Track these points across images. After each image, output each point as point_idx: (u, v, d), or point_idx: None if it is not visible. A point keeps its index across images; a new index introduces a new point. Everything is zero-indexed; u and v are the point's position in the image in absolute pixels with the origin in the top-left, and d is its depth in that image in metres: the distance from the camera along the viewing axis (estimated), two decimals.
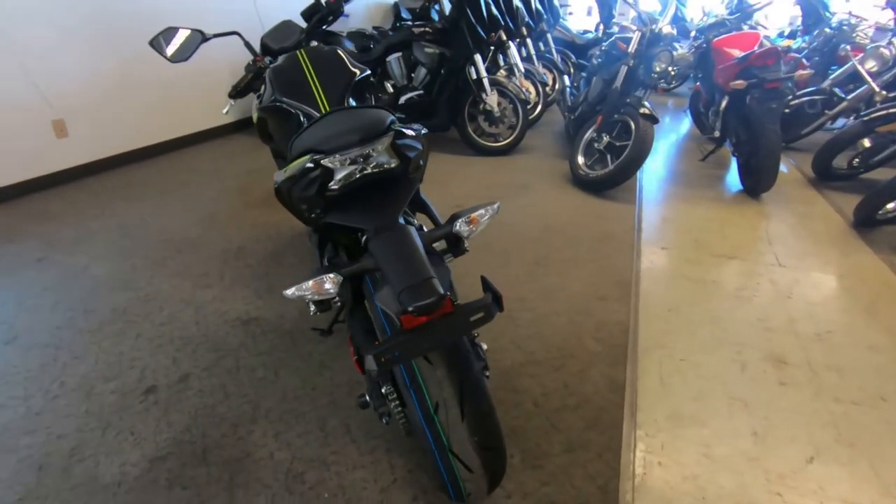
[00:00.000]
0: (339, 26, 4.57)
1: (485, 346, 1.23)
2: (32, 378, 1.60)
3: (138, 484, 1.26)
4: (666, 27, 3.11)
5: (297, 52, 1.43)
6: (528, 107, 4.69)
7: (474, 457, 0.94)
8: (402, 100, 3.83)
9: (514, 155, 3.90)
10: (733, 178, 3.52)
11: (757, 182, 3.09)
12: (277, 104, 1.35)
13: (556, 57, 5.50)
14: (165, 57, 1.41)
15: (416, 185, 1.06)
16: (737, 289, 2.16)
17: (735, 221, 2.83)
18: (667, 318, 1.96)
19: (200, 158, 3.72)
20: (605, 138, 3.16)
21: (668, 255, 2.43)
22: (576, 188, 3.25)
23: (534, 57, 5.11)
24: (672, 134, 4.83)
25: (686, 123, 5.13)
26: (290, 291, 0.81)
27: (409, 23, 3.77)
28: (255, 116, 1.56)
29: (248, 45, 1.64)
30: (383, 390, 1.03)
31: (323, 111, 1.35)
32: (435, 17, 5.45)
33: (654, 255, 2.43)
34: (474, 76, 3.71)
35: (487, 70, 4.26)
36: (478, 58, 3.67)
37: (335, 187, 0.86)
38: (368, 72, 1.50)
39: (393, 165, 0.89)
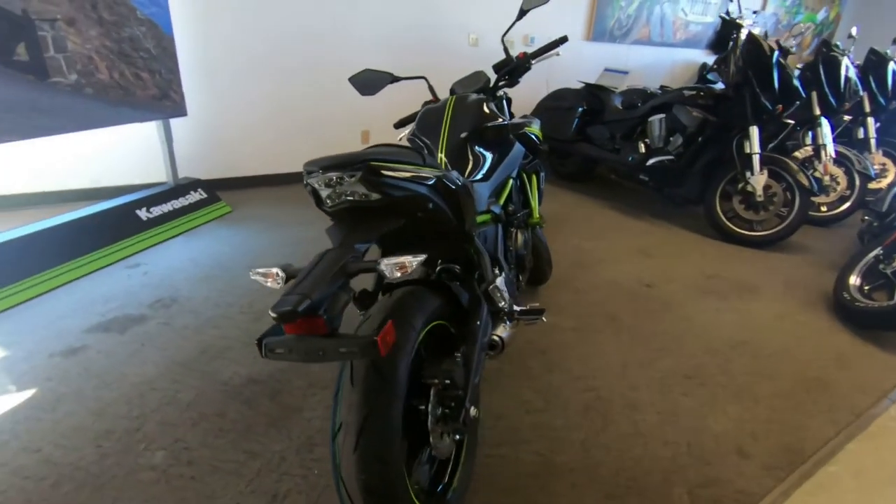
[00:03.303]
0: (609, 81, 4.58)
1: (473, 413, 1.16)
2: (241, 294, 2.29)
3: (231, 389, 1.69)
4: None
5: (450, 97, 1.62)
6: (827, 200, 3.70)
7: (358, 495, 0.93)
8: (651, 162, 3.58)
9: (769, 250, 3.14)
10: None
11: None
12: (412, 136, 1.58)
13: None
14: (358, 91, 1.83)
15: (434, 223, 1.10)
16: None
17: None
18: None
19: None
20: None
21: None
22: (829, 314, 2.41)
23: (872, 141, 3.96)
24: None
25: None
26: (252, 272, 0.99)
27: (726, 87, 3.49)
28: None
29: (431, 88, 1.94)
30: None
31: (441, 147, 1.51)
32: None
33: (890, 439, 1.63)
34: (746, 150, 3.17)
35: (784, 147, 3.59)
36: (754, 130, 3.13)
37: (329, 203, 1.01)
38: (507, 123, 1.57)
39: (372, 198, 0.97)
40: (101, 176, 3.24)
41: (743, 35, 3.14)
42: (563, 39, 1.81)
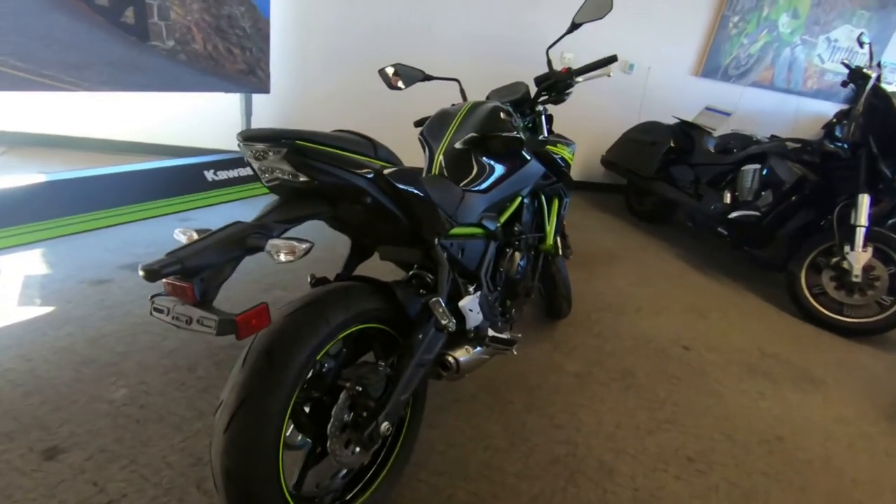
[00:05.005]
0: (703, 120, 4.16)
1: (384, 429, 1.07)
2: (260, 265, 2.37)
3: (211, 348, 1.75)
4: None
5: (468, 102, 1.55)
6: None
7: (220, 476, 0.88)
8: (734, 215, 3.20)
9: (857, 342, 2.64)
10: None
11: None
12: (420, 136, 1.53)
13: None
14: (387, 84, 1.82)
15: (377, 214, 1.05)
16: None
17: None
18: None
19: None
20: None
21: None
22: None
23: None
24: None
25: None
26: (176, 231, 0.98)
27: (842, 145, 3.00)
28: None
29: (462, 92, 1.87)
30: None
31: (440, 150, 1.45)
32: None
33: None
34: (851, 221, 2.71)
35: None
36: (864, 199, 2.67)
37: (265, 178, 0.98)
38: (517, 136, 1.46)
39: (300, 180, 0.92)
40: (184, 136, 3.60)
41: (868, 88, 2.69)
42: (612, 59, 1.65)
